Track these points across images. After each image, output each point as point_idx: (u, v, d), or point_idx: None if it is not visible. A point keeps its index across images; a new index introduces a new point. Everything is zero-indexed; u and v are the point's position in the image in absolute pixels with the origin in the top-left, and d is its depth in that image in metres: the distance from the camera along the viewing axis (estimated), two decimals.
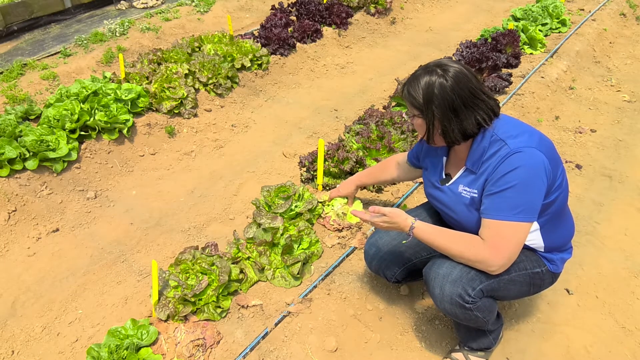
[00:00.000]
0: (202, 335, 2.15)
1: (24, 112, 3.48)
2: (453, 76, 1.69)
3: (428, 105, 1.72)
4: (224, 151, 3.69)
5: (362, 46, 5.46)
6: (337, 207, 2.75)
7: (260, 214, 2.55)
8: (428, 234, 1.81)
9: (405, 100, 1.81)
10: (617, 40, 5.73)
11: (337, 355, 2.13)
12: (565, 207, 1.90)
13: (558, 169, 1.76)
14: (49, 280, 2.59)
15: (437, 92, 1.69)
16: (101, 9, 5.73)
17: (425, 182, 2.09)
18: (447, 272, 1.78)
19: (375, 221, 1.90)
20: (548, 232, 1.84)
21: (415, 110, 1.78)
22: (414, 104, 1.77)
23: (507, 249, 1.69)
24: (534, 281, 1.90)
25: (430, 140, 1.82)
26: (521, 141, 1.67)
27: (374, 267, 2.24)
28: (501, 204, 1.67)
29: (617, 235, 2.87)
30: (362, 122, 3.50)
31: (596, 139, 3.84)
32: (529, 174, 1.64)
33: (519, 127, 1.76)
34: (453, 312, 1.81)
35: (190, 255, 2.42)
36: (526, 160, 1.64)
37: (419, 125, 1.82)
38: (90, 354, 2.01)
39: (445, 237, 1.80)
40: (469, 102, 1.71)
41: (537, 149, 1.65)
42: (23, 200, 2.99)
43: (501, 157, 1.67)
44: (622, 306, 2.41)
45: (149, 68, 4.11)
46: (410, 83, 1.77)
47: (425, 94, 1.72)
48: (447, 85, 1.69)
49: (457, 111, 1.71)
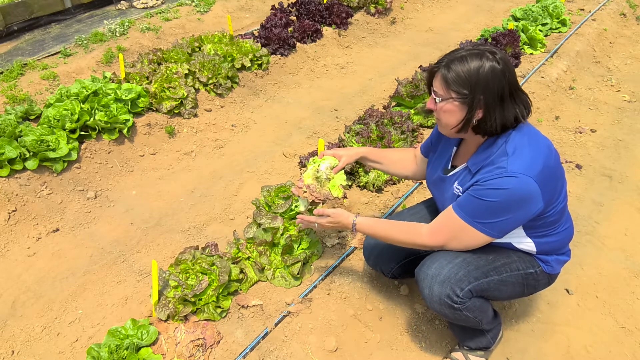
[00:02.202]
0: (202, 335, 2.15)
1: (24, 112, 3.48)
2: (504, 60, 1.60)
3: (475, 89, 1.59)
4: (224, 151, 3.69)
5: (362, 46, 5.46)
6: (322, 168, 2.09)
7: (260, 214, 2.55)
8: (369, 227, 1.91)
9: (441, 81, 1.65)
10: (617, 40, 5.72)
11: (337, 355, 2.14)
12: (562, 215, 1.83)
13: (554, 195, 1.70)
14: (49, 280, 2.59)
15: (489, 76, 1.58)
16: (101, 9, 5.73)
17: (429, 167, 2.05)
18: (435, 273, 1.78)
19: (320, 222, 1.99)
20: (540, 238, 1.82)
21: (454, 94, 1.63)
22: (456, 87, 1.61)
23: (444, 239, 1.76)
24: (528, 282, 1.88)
25: (458, 127, 1.69)
26: (522, 164, 1.60)
27: (371, 262, 2.25)
28: (472, 207, 1.67)
29: (617, 235, 2.87)
30: (362, 122, 3.50)
31: (596, 139, 3.84)
32: (511, 200, 1.60)
33: (531, 144, 1.65)
34: (443, 312, 1.82)
35: (190, 255, 2.43)
36: (516, 188, 1.58)
37: (451, 110, 1.66)
38: (90, 354, 2.02)
39: (386, 228, 1.88)
40: (514, 92, 1.64)
41: (533, 179, 1.58)
42: (23, 200, 2.99)
43: (496, 172, 1.62)
44: (622, 306, 2.41)
45: (149, 68, 4.10)
46: (455, 62, 1.62)
47: (474, 76, 1.59)
48: (499, 69, 1.58)
49: (504, 100, 1.61)
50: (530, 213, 1.65)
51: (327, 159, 2.13)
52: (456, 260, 1.78)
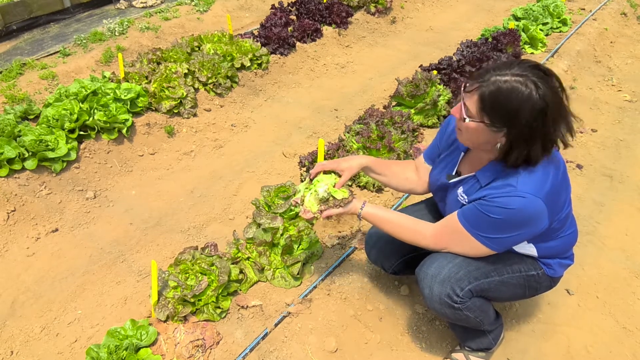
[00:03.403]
0: (202, 336, 2.14)
1: (23, 112, 3.47)
2: (547, 97, 1.48)
3: (510, 125, 1.52)
4: (224, 151, 3.68)
5: (362, 45, 5.45)
6: (321, 190, 1.90)
7: (260, 214, 2.54)
8: (375, 217, 1.88)
9: (477, 102, 1.54)
10: (618, 40, 5.72)
11: (337, 355, 2.13)
12: (566, 222, 1.80)
13: (559, 207, 1.69)
14: (48, 281, 2.58)
15: (527, 115, 1.48)
16: (100, 9, 5.72)
17: (433, 170, 2.02)
18: (435, 272, 1.78)
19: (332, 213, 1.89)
20: (542, 244, 1.80)
21: (487, 119, 1.54)
22: (491, 115, 1.53)
23: (446, 245, 1.77)
24: (529, 284, 1.87)
25: (479, 146, 1.65)
26: (532, 183, 1.57)
27: (372, 257, 2.24)
28: (477, 220, 1.66)
29: (618, 235, 2.86)
30: (362, 121, 3.49)
31: (597, 139, 3.84)
32: (517, 219, 1.59)
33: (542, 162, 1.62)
34: (443, 312, 1.81)
35: (189, 255, 2.42)
36: (523, 209, 1.56)
37: (478, 131, 1.59)
38: (90, 355, 2.01)
39: (392, 222, 1.86)
40: (549, 132, 1.54)
41: (542, 200, 1.56)
42: (22, 200, 2.98)
43: (505, 190, 1.58)
44: (622, 306, 2.41)
45: (149, 67, 4.10)
46: (497, 87, 1.50)
47: (513, 112, 1.49)
48: (538, 107, 1.48)
49: (535, 141, 1.53)
50: (535, 231, 1.65)
51: (322, 179, 1.94)
52: (456, 260, 1.77)
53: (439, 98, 3.83)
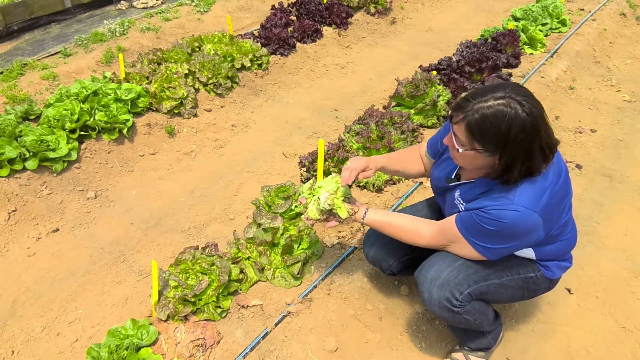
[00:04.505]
0: (202, 335, 2.14)
1: (24, 112, 3.48)
2: (534, 108, 1.49)
3: (503, 147, 1.52)
4: (224, 151, 3.69)
5: (362, 46, 5.45)
6: (323, 198, 1.91)
7: (260, 214, 2.54)
8: (377, 223, 1.90)
9: (466, 131, 1.54)
10: (617, 40, 5.72)
11: (337, 355, 2.13)
12: (566, 227, 1.80)
13: (557, 217, 1.70)
14: (49, 280, 2.59)
15: (518, 134, 1.49)
16: (101, 9, 5.73)
17: (434, 170, 2.02)
18: (434, 276, 1.78)
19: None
20: (540, 247, 1.80)
21: (478, 145, 1.55)
22: (482, 141, 1.54)
23: (444, 246, 1.81)
24: (528, 285, 1.88)
25: (476, 169, 1.67)
26: (528, 197, 1.57)
27: (370, 257, 2.23)
28: (472, 228, 1.67)
29: (618, 235, 2.87)
30: (362, 122, 3.50)
31: (596, 139, 3.84)
32: (510, 232, 1.60)
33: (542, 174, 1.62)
34: (442, 315, 1.82)
35: (190, 255, 2.42)
36: (517, 222, 1.57)
37: (472, 157, 1.60)
38: (90, 354, 2.01)
39: (393, 225, 1.87)
40: (544, 146, 1.54)
41: (537, 213, 1.57)
42: (23, 200, 2.98)
43: (501, 203, 1.59)
44: (622, 306, 2.41)
45: (149, 68, 4.10)
46: (482, 114, 1.50)
47: (504, 135, 1.49)
48: (529, 126, 1.48)
49: (532, 156, 1.54)
50: (529, 243, 1.69)
51: (324, 185, 1.94)
52: (455, 264, 1.78)
53: (438, 98, 3.84)
